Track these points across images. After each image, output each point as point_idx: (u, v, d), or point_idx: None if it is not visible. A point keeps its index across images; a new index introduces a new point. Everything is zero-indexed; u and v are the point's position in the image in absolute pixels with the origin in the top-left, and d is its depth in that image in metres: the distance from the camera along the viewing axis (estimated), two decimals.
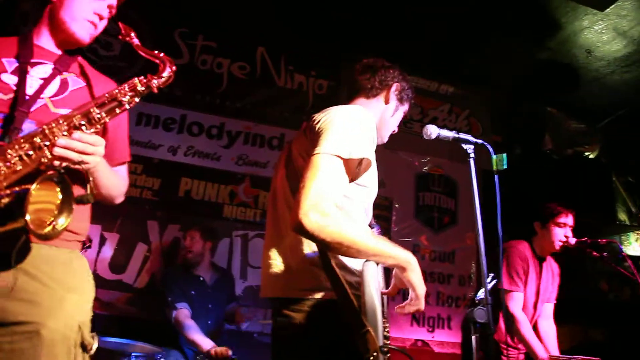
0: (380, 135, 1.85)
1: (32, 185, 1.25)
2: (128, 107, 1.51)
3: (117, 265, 4.02)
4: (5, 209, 1.26)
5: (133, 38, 1.58)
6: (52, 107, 1.51)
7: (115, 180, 1.68)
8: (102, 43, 4.27)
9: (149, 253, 4.13)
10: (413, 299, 1.46)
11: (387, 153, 4.60)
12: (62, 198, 1.34)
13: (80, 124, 1.41)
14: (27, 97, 1.47)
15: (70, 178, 1.38)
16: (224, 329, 3.70)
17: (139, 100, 1.53)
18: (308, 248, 1.52)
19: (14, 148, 1.33)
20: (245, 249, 4.38)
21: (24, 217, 1.23)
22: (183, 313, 3.36)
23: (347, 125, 1.50)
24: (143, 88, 1.53)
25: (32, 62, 1.55)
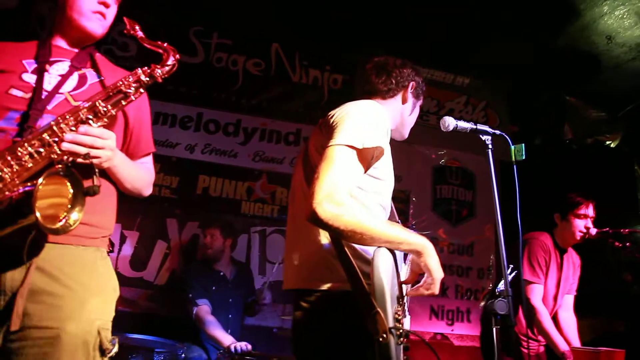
0: (401, 132, 1.88)
1: (39, 180, 1.25)
2: (134, 98, 1.51)
3: (137, 263, 4.09)
4: (16, 206, 1.27)
5: (137, 31, 1.59)
6: (72, 101, 1.52)
7: (139, 172, 1.68)
8: (118, 44, 4.32)
9: (169, 250, 4.19)
10: (427, 282, 1.49)
11: (403, 146, 4.55)
12: (73, 192, 1.34)
13: (87, 118, 1.42)
14: (45, 94, 1.48)
15: (82, 172, 1.37)
16: (244, 323, 3.74)
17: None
18: (324, 240, 1.54)
19: (24, 146, 1.34)
20: (264, 245, 4.42)
21: (34, 213, 1.23)
22: (204, 309, 3.40)
23: (359, 118, 1.52)
24: (147, 78, 1.53)
25: (50, 60, 1.57)
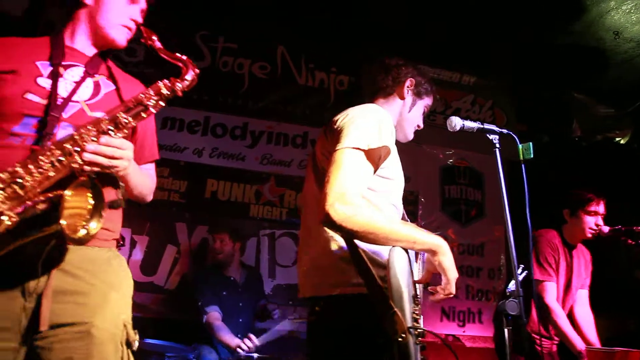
0: (404, 132, 1.89)
1: (66, 191, 1.28)
2: (154, 110, 1.54)
3: (147, 268, 4.10)
4: (41, 215, 1.29)
5: (155, 41, 1.62)
6: (88, 111, 1.54)
7: (145, 179, 1.71)
8: (126, 49, 4.33)
9: (179, 255, 4.19)
10: (444, 284, 1.49)
11: (411, 147, 4.53)
12: (93, 203, 1.37)
13: (108, 129, 1.44)
14: (60, 100, 1.50)
15: (102, 182, 1.41)
16: (254, 327, 3.75)
17: (164, 104, 1.56)
18: (335, 245, 1.54)
19: (46, 154, 1.36)
20: (273, 248, 4.41)
21: (59, 222, 1.26)
22: (213, 316, 3.46)
23: (363, 121, 1.55)
24: (168, 92, 1.55)
25: (64, 64, 1.58)
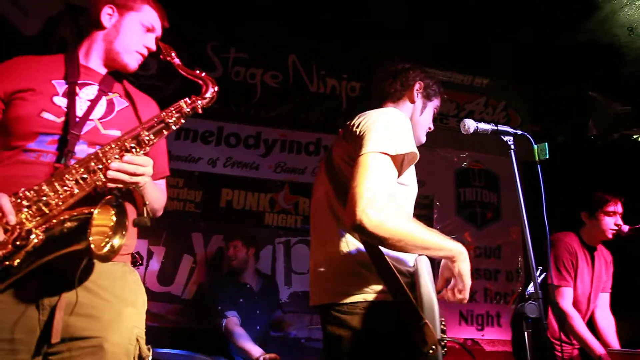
0: (417, 135, 1.86)
1: (94, 210, 1.32)
2: (174, 127, 1.57)
3: (164, 278, 4.13)
4: (68, 232, 1.33)
5: (174, 58, 1.66)
6: (102, 129, 1.58)
7: (159, 195, 1.75)
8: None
9: (195, 264, 4.22)
10: (458, 287, 1.48)
11: (424, 151, 4.50)
12: (115, 220, 1.41)
13: (131, 147, 1.48)
14: (77, 119, 1.53)
15: (127, 200, 1.46)
16: (270, 335, 3.74)
17: (184, 121, 1.59)
18: (349, 249, 1.53)
19: (71, 172, 1.41)
20: (288, 256, 4.42)
21: (88, 239, 1.29)
22: (232, 321, 3.42)
23: (387, 124, 1.53)
24: (189, 109, 1.59)
25: (79, 82, 1.62)
